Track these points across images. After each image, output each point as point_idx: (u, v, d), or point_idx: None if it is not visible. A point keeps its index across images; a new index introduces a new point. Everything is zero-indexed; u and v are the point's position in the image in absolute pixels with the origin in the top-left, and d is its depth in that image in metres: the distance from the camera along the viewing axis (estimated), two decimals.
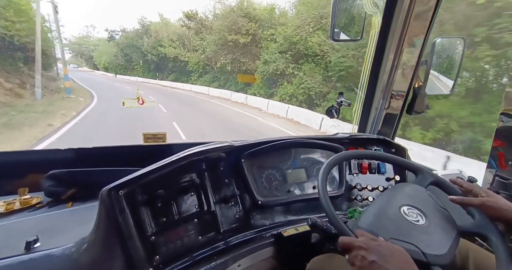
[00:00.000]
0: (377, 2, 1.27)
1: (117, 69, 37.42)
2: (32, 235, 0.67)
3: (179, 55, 23.43)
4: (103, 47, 41.53)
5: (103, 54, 41.27)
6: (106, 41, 37.67)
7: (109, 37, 35.09)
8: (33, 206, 0.92)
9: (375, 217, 0.63)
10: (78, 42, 58.23)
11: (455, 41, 1.24)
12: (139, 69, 32.49)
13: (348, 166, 1.10)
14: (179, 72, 26.71)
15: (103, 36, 38.21)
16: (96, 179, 0.95)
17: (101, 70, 45.62)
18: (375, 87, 1.36)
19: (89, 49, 53.29)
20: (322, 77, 11.29)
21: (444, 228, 0.63)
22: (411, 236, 0.59)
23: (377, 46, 1.30)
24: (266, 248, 0.88)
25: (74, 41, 59.03)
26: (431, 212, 0.66)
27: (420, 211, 0.65)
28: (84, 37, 57.48)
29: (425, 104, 1.27)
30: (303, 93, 11.88)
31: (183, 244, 0.76)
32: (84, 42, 56.27)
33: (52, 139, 6.12)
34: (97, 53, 45.61)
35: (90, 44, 53.22)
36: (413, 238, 0.58)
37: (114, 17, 73.16)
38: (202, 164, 0.85)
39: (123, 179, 0.68)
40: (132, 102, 1.83)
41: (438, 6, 1.11)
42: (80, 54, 58.69)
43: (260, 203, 0.92)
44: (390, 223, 0.62)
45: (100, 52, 43.12)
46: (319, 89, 11.29)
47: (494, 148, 0.97)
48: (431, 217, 0.64)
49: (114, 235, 0.65)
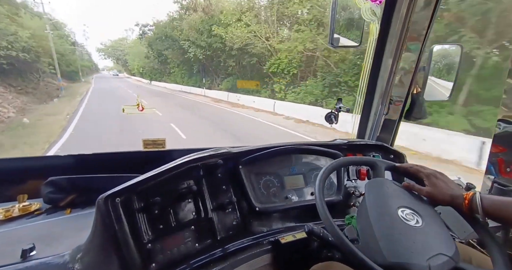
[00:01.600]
0: (374, 10, 1.29)
1: (152, 74, 31.53)
2: (29, 243, 0.67)
3: (254, 41, 13.35)
4: (135, 49, 35.67)
5: (135, 57, 35.91)
6: (139, 41, 30.20)
7: (140, 34, 26.78)
8: (32, 212, 0.93)
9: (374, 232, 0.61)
10: (114, 45, 52.29)
11: (452, 48, 1.25)
12: (177, 72, 24.97)
13: (346, 172, 1.09)
14: (248, 74, 15.99)
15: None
16: (95, 186, 0.95)
17: (137, 76, 40.47)
18: (373, 93, 1.36)
19: (124, 53, 47.93)
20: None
21: (441, 232, 0.63)
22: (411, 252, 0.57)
23: (375, 53, 1.31)
24: (263, 255, 0.87)
25: (109, 45, 53.34)
26: (422, 210, 0.66)
27: (416, 212, 0.65)
28: (120, 40, 51.48)
29: (423, 110, 1.27)
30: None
31: (180, 252, 0.76)
32: (119, 45, 50.46)
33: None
34: (130, 56, 40.34)
35: (126, 46, 47.46)
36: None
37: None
38: (200, 170, 0.85)
39: (119, 186, 0.68)
40: (132, 108, 1.85)
41: (435, 14, 1.12)
42: (116, 59, 53.73)
43: (258, 209, 0.92)
44: (388, 230, 0.61)
45: (133, 55, 37.57)
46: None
47: (492, 153, 0.97)
48: (425, 218, 0.64)
49: (110, 243, 0.65)
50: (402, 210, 0.64)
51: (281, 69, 12.94)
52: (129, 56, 41.14)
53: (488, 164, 0.98)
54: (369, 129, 1.39)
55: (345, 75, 10.68)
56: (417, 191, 0.71)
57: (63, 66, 25.93)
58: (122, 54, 48.69)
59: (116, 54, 51.97)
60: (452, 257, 0.56)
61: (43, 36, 17.90)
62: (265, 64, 13.79)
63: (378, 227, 0.61)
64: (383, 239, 0.58)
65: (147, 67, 31.53)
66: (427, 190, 0.69)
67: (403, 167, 0.78)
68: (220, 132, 7.95)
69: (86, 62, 42.54)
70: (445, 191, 0.66)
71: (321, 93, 11.27)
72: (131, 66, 40.59)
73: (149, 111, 1.84)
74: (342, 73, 10.79)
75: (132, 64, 39.17)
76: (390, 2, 1.17)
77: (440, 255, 0.56)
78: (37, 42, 15.93)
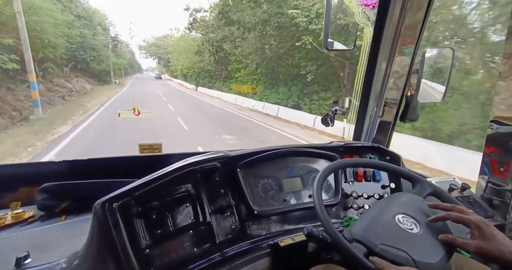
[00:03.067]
0: (368, 14, 1.31)
1: (199, 77, 23.96)
2: (23, 251, 0.66)
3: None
4: (180, 45, 28.47)
5: (180, 55, 28.61)
6: (185, 35, 23.64)
7: (190, 23, 18.81)
8: (25, 220, 0.91)
9: (369, 223, 0.64)
10: (156, 43, 44.51)
11: (444, 50, 1.28)
12: (245, 76, 16.23)
13: (343, 174, 1.10)
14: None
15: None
16: (90, 191, 0.94)
17: (179, 78, 34.00)
18: (368, 95, 1.38)
19: (167, 51, 40.84)
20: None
21: (438, 238, 0.63)
22: (403, 243, 0.59)
23: (369, 56, 1.33)
24: (262, 258, 0.87)
25: (152, 42, 45.59)
26: (426, 221, 0.66)
27: (415, 219, 0.65)
28: (163, 37, 43.95)
29: (417, 112, 1.30)
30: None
31: (178, 256, 0.75)
32: (163, 43, 42.74)
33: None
34: (174, 55, 32.68)
35: (169, 44, 39.73)
36: (405, 245, 0.59)
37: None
38: (197, 174, 0.84)
39: (117, 191, 0.67)
40: (128, 113, 1.83)
41: (427, 18, 1.15)
42: (158, 58, 46.38)
43: (256, 212, 0.92)
44: (383, 229, 0.63)
45: (177, 53, 30.24)
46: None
47: (486, 154, 0.99)
48: (425, 226, 0.64)
49: (107, 249, 0.64)
50: (402, 216, 0.65)
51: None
52: (173, 54, 33.82)
53: (482, 165, 1.00)
54: (365, 131, 1.41)
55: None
56: (460, 246, 0.58)
57: (94, 64, 23.08)
58: (165, 53, 41.94)
59: (158, 53, 44.74)
60: (435, 264, 0.57)
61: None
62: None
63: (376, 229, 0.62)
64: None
65: (195, 68, 23.71)
66: (476, 244, 0.55)
67: (445, 207, 0.66)
68: None
69: (121, 60, 33.79)
70: (501, 247, 0.53)
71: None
72: (174, 67, 33.57)
73: (145, 116, 1.79)
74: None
75: (175, 65, 31.85)
76: (383, 6, 1.20)
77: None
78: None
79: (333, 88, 11.34)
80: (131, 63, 52.11)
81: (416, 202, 0.72)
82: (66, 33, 17.90)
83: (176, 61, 31.34)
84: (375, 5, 1.31)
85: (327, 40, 1.27)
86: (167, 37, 43.74)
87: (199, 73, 24.07)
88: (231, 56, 17.85)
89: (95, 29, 25.35)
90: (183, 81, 31.05)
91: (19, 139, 7.48)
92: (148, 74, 60.47)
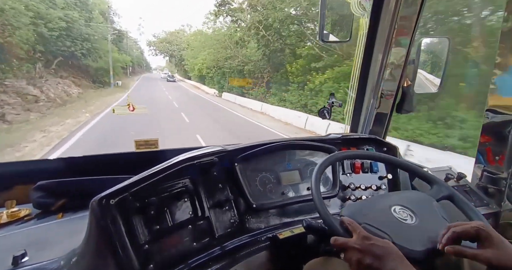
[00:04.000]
0: (364, 4, 1.30)
1: (224, 79, 18.04)
2: (19, 249, 0.65)
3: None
4: (198, 41, 23.33)
5: (199, 52, 22.43)
6: (203, 30, 19.55)
7: (217, 5, 15.48)
8: (21, 218, 0.89)
9: (361, 205, 0.65)
10: (168, 38, 38.68)
11: (440, 40, 1.27)
12: (329, 81, 9.82)
13: (341, 166, 1.10)
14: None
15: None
16: (87, 188, 0.93)
17: (193, 80, 28.32)
18: (365, 87, 1.38)
19: (180, 48, 35.49)
20: None
21: (433, 234, 0.60)
22: (390, 228, 0.59)
23: (365, 47, 1.32)
24: (262, 251, 0.87)
25: (163, 37, 39.15)
26: (427, 217, 0.64)
27: (413, 212, 0.65)
28: (176, 32, 38.90)
29: (414, 103, 1.30)
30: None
31: (178, 251, 0.75)
32: (175, 39, 37.85)
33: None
34: (189, 52, 26.76)
35: (184, 39, 34.63)
36: (391, 230, 0.59)
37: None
38: (195, 169, 0.84)
39: (114, 187, 0.66)
40: (123, 109, 1.81)
41: (422, 8, 1.14)
42: (170, 56, 40.59)
43: (255, 206, 0.92)
44: (374, 213, 0.63)
45: (195, 50, 24.32)
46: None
47: (481, 143, 1.00)
48: (424, 221, 0.63)
49: (106, 246, 0.63)
50: (400, 208, 0.65)
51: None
52: (188, 51, 27.36)
53: (477, 153, 1.00)
54: (361, 123, 1.41)
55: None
56: (470, 256, 0.52)
57: (88, 60, 16.88)
58: (178, 50, 36.12)
59: (170, 50, 38.87)
60: (416, 252, 0.57)
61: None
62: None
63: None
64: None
65: (221, 67, 17.51)
66: (488, 254, 0.50)
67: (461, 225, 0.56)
68: None
69: (125, 56, 28.13)
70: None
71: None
72: (189, 65, 26.64)
73: (140, 111, 1.75)
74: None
75: (191, 63, 25.28)
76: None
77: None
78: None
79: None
80: (139, 62, 47.22)
81: (423, 200, 0.70)
82: (38, 13, 11.99)
83: (192, 59, 24.64)
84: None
85: (323, 31, 1.26)
86: (180, 31, 38.43)
87: (226, 74, 17.23)
88: (299, 48, 11.82)
89: (91, 14, 19.01)
90: (198, 83, 24.99)
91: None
92: (159, 74, 53.50)
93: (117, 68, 23.36)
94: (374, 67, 1.31)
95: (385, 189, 1.10)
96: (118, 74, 23.23)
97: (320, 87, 10.58)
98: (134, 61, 38.25)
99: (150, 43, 41.65)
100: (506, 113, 0.91)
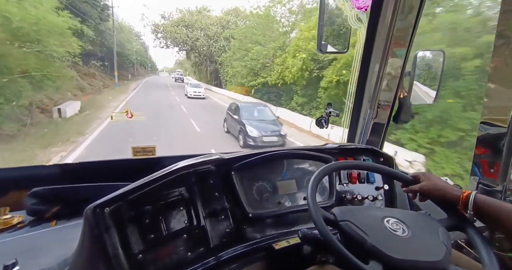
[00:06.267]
0: (360, 17, 1.33)
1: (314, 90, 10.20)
2: (11, 258, 0.64)
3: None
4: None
5: (300, 40, 11.33)
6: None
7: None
8: (14, 226, 0.88)
9: (354, 208, 0.64)
10: (187, 20, 25.90)
11: (435, 54, 1.30)
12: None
13: (338, 176, 1.10)
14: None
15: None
16: (82, 196, 0.92)
17: (239, 92, 17.71)
18: (362, 97, 1.39)
19: (212, 34, 24.34)
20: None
21: (423, 249, 0.60)
22: (374, 232, 0.59)
23: (362, 58, 1.35)
24: (257, 262, 0.86)
25: (178, 18, 26.22)
26: (423, 236, 0.62)
27: (407, 226, 0.64)
28: (204, 10, 26.85)
29: (410, 113, 1.31)
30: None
31: (172, 261, 0.74)
32: (199, 20, 25.63)
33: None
34: (238, 40, 17.83)
35: (218, 22, 24.57)
36: (374, 234, 0.59)
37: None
38: (191, 177, 0.84)
39: (108, 196, 0.66)
40: (121, 116, 1.81)
41: (418, 21, 1.16)
42: (190, 49, 26.75)
43: (251, 215, 0.91)
44: (363, 216, 0.64)
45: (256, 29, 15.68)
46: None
47: (476, 155, 1.00)
48: (417, 237, 0.62)
49: (99, 255, 0.63)
50: (394, 221, 0.65)
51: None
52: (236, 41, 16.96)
53: (472, 166, 1.01)
54: (358, 133, 1.42)
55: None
56: (411, 191, 0.76)
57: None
58: (206, 39, 24.46)
59: (190, 38, 25.05)
60: (439, 262, 0.57)
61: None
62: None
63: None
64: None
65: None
66: (422, 185, 0.73)
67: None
68: None
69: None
70: (440, 186, 0.71)
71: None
72: (244, 68, 16.58)
73: (138, 118, 1.75)
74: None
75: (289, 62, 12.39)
76: (375, 9, 1.22)
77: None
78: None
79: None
80: (142, 61, 38.85)
81: (427, 221, 0.67)
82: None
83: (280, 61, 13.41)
84: (368, 8, 1.32)
85: (321, 42, 1.28)
86: (206, 9, 24.94)
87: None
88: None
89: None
90: (214, 87, 16.52)
91: None
92: (169, 77, 44.08)
93: (126, 70, 18.15)
94: (371, 78, 1.33)
95: (382, 200, 1.10)
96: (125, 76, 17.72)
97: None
98: (134, 60, 30.10)
99: (157, 28, 26.90)
100: (500, 126, 0.92)
